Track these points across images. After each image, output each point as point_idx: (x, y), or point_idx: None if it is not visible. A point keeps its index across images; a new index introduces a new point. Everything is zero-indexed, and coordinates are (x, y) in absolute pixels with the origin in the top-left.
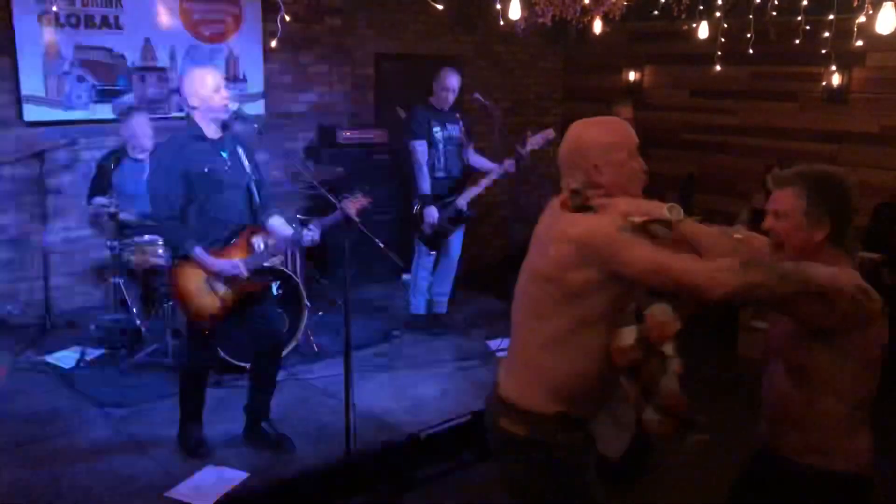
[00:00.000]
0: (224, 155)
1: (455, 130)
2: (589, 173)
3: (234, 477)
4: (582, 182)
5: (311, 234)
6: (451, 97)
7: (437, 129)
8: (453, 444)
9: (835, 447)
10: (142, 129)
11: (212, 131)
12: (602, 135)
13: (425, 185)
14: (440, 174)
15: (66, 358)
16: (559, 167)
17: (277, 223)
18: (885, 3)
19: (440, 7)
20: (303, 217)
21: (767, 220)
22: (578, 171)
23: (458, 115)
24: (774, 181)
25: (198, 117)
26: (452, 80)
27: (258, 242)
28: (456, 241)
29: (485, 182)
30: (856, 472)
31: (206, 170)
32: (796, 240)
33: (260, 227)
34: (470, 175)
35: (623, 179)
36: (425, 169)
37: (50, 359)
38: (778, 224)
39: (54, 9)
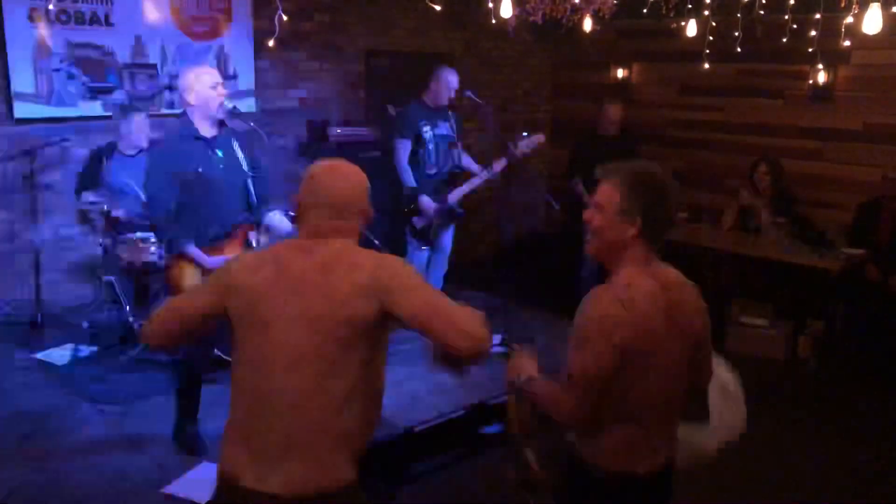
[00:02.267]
0: (219, 153)
1: (446, 128)
2: (365, 214)
3: None
4: (357, 224)
5: None
6: (453, 95)
7: (427, 127)
8: (448, 438)
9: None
10: (140, 129)
11: (207, 129)
12: (364, 177)
13: (410, 180)
14: (432, 171)
15: (58, 355)
16: (326, 203)
17: (276, 219)
18: (871, 4)
19: (438, 8)
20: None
21: (587, 211)
22: (354, 212)
23: (450, 112)
24: (600, 172)
25: (194, 115)
26: (455, 81)
27: (254, 239)
28: (447, 237)
29: (476, 181)
30: (612, 470)
31: (199, 169)
32: (609, 234)
33: (256, 223)
34: (461, 173)
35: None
36: (407, 165)
37: (43, 356)
38: (595, 216)
39: (51, 7)
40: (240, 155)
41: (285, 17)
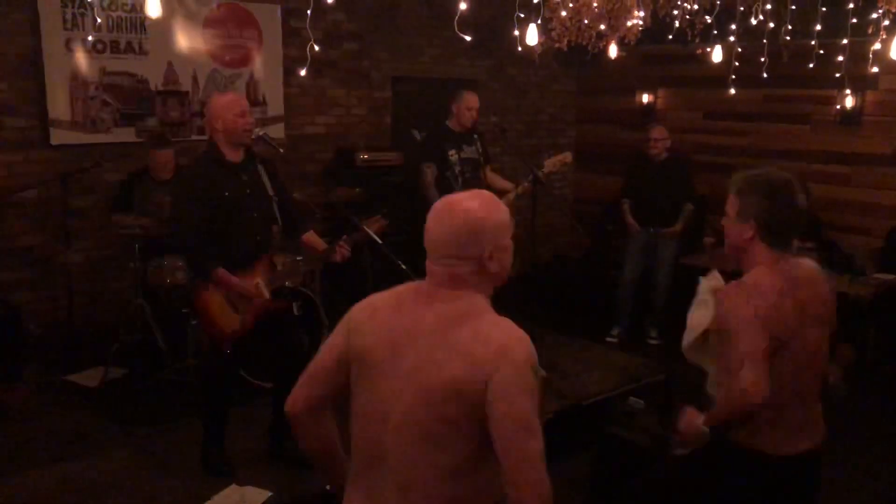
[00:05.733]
0: (244, 178)
1: (472, 152)
2: (481, 261)
3: (258, 495)
4: (468, 272)
5: (343, 249)
6: (475, 115)
7: (452, 151)
8: None
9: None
10: (162, 163)
11: (232, 155)
12: (500, 213)
13: None
14: None
15: (89, 377)
16: (431, 245)
17: (312, 238)
18: None
19: (468, 38)
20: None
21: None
22: (467, 258)
23: (475, 135)
24: (729, 185)
25: (219, 141)
26: (474, 100)
27: (280, 263)
28: None
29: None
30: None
31: (226, 193)
32: (731, 237)
33: (283, 247)
34: None
35: (505, 273)
36: (433, 191)
37: (73, 378)
38: (724, 222)
39: (90, 38)
40: (265, 179)
41: (317, 48)
